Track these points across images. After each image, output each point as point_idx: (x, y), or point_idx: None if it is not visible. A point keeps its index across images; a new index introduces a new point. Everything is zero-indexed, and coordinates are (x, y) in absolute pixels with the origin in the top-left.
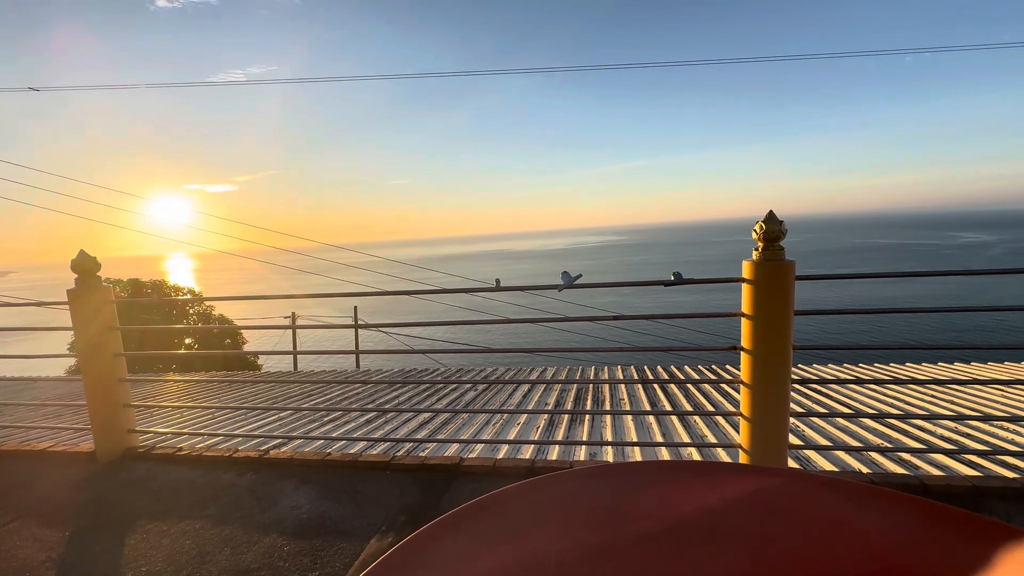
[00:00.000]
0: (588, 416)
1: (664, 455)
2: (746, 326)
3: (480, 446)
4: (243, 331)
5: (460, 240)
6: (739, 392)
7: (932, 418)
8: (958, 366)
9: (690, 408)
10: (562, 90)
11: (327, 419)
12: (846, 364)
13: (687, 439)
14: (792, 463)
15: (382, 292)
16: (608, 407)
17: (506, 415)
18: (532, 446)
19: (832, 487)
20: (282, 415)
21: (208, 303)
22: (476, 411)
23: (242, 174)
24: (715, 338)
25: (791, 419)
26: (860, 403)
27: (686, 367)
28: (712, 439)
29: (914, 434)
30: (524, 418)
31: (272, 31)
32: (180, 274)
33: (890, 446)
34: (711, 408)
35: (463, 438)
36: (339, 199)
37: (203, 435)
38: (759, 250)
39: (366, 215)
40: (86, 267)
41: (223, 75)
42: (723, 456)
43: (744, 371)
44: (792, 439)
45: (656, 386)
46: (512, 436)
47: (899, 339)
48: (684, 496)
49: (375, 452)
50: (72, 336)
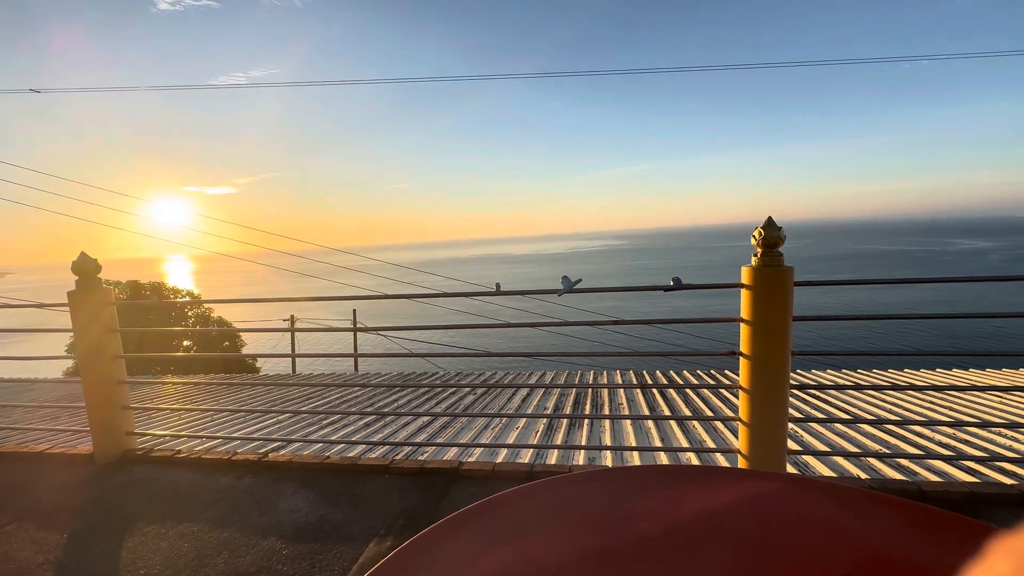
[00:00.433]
0: (587, 420)
1: (663, 460)
2: (745, 331)
3: (479, 450)
4: (242, 333)
5: (460, 244)
6: (738, 397)
7: (930, 424)
8: (956, 372)
9: (689, 413)
10: (563, 93)
11: (326, 422)
12: (844, 370)
13: (686, 444)
14: (791, 468)
15: (381, 295)
16: (607, 411)
17: (505, 419)
18: (531, 450)
19: (830, 492)
20: (281, 418)
21: (207, 305)
22: (475, 415)
23: (242, 176)
24: (714, 343)
25: (790, 424)
26: (858, 409)
27: (685, 372)
28: (711, 444)
29: (912, 440)
30: (523, 422)
31: (273, 33)
32: (179, 276)
33: (888, 452)
34: (710, 413)
35: (462, 442)
36: (339, 202)
37: (202, 438)
38: (758, 256)
39: (366, 218)
40: (87, 269)
41: (224, 77)
42: (722, 461)
43: (743, 376)
44: (791, 444)
45: (655, 391)
46: (511, 440)
47: (897, 345)
48: (683, 501)
49: (374, 455)
50: (70, 338)
